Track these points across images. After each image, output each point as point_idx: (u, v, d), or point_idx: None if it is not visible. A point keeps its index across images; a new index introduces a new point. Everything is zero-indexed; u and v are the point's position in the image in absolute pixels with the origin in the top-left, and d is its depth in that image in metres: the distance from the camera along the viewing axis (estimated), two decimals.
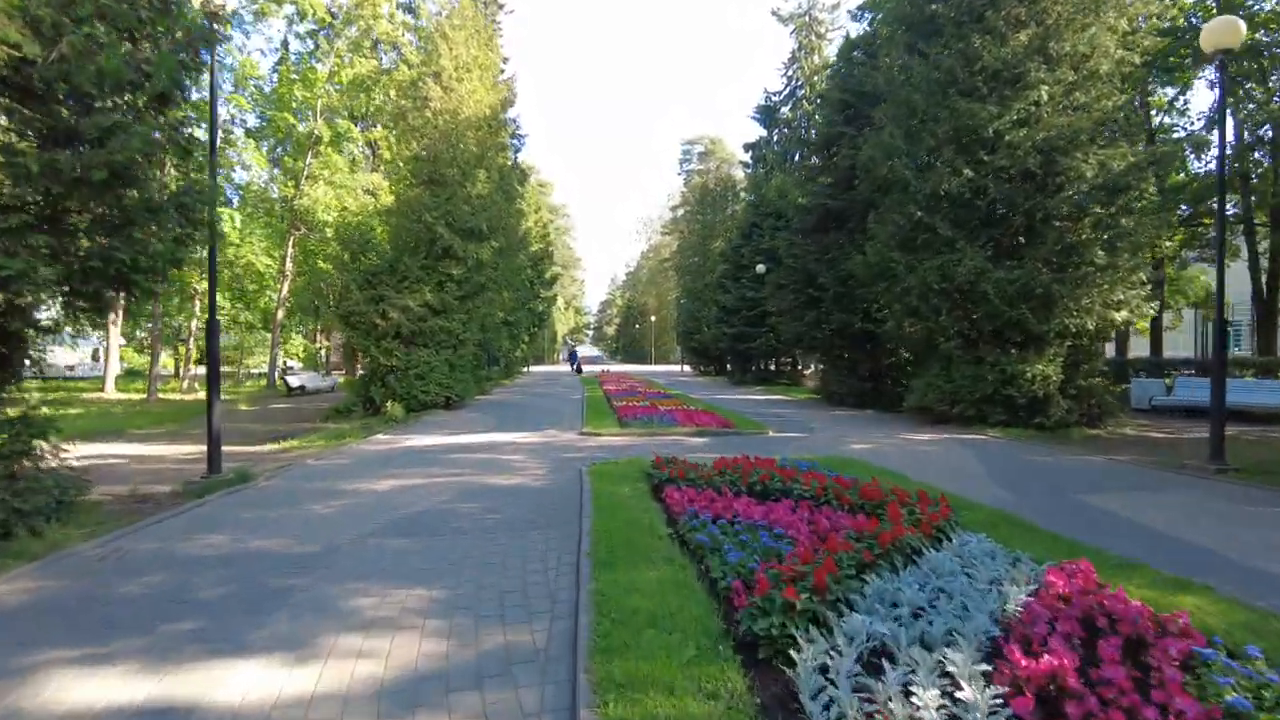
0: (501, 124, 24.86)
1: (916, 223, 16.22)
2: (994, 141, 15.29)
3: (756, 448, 11.59)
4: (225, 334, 45.36)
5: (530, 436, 13.73)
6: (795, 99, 55.47)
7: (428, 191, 21.24)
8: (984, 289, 14.73)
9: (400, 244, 21.71)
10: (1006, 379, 15.00)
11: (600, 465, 9.34)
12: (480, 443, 12.81)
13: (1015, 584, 4.20)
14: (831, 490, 6.37)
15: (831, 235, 22.11)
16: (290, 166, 37.78)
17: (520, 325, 36.95)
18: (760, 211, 35.62)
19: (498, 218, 22.15)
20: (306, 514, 7.19)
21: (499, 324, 29.69)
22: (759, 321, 33.98)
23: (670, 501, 6.53)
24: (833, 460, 9.77)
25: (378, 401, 19.92)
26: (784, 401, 23.73)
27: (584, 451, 11.45)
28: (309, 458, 11.47)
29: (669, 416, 15.18)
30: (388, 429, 15.78)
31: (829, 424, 16.20)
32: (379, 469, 9.99)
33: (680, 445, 12.13)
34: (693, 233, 56.72)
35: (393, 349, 20.04)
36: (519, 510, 7.24)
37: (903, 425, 16.09)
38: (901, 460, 10.61)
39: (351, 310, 20.18)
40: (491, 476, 9.22)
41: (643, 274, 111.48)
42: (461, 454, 11.35)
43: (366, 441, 13.48)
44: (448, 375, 20.53)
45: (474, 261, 21.43)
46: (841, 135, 22.19)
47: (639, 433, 13.52)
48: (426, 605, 4.48)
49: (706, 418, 15.02)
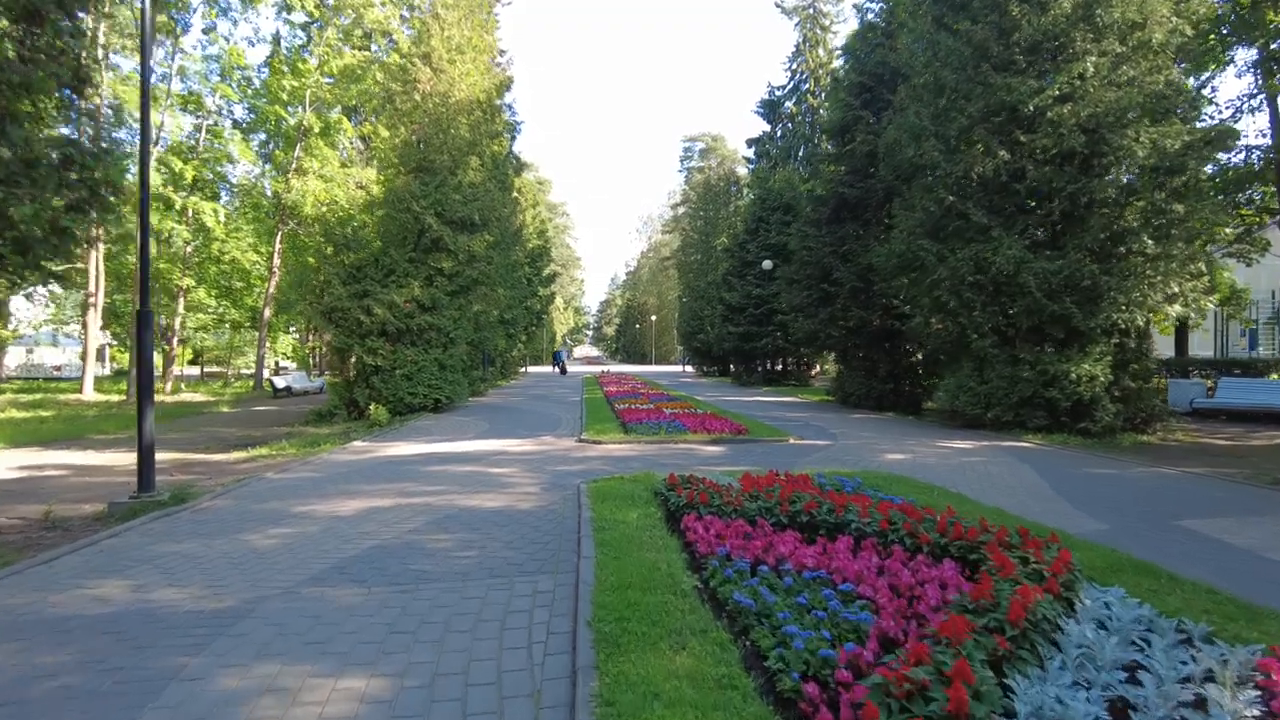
0: (496, 110, 23.47)
1: (947, 209, 14.84)
2: (1033, 119, 13.92)
3: (780, 459, 10.22)
4: (214, 334, 44.02)
5: (524, 444, 12.34)
6: (799, 93, 54.29)
7: (416, 180, 19.86)
8: (1024, 280, 13.36)
9: (387, 236, 20.34)
10: (1047, 380, 13.63)
11: (602, 482, 7.95)
12: (467, 452, 11.42)
13: (1222, 685, 2.83)
14: (901, 524, 4.98)
15: (848, 226, 20.73)
16: (280, 160, 36.49)
17: (517, 324, 35.53)
18: (767, 205, 34.25)
19: (491, 208, 20.77)
20: (240, 549, 5.80)
21: (494, 322, 28.30)
22: (766, 320, 32.61)
23: (693, 537, 5.14)
24: (874, 476, 8.39)
25: (362, 404, 18.55)
26: (796, 404, 22.35)
27: (583, 463, 10.07)
28: (271, 469, 10.09)
29: (677, 422, 13.79)
30: (369, 435, 14.40)
31: (851, 429, 14.82)
32: (346, 485, 8.60)
33: (693, 456, 10.75)
34: (695, 230, 55.31)
35: (378, 348, 18.66)
36: (503, 544, 5.85)
37: (932, 431, 14.71)
38: (949, 474, 9.23)
39: (334, 306, 18.80)
40: (474, 496, 7.83)
41: (643, 273, 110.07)
42: (444, 466, 9.96)
43: (341, 450, 12.10)
44: (437, 376, 19.14)
45: (465, 255, 20.05)
46: (858, 120, 20.81)
47: (645, 441, 12.13)
48: (354, 712, 3.10)
49: (719, 423, 13.64)
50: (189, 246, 33.29)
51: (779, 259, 32.38)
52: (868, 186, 20.19)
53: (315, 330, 39.70)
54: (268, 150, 38.05)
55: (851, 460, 10.33)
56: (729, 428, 13.02)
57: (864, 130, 20.39)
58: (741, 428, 12.97)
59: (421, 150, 20.21)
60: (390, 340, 19.02)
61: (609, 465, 9.78)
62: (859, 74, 21.43)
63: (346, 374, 19.66)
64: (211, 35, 33.56)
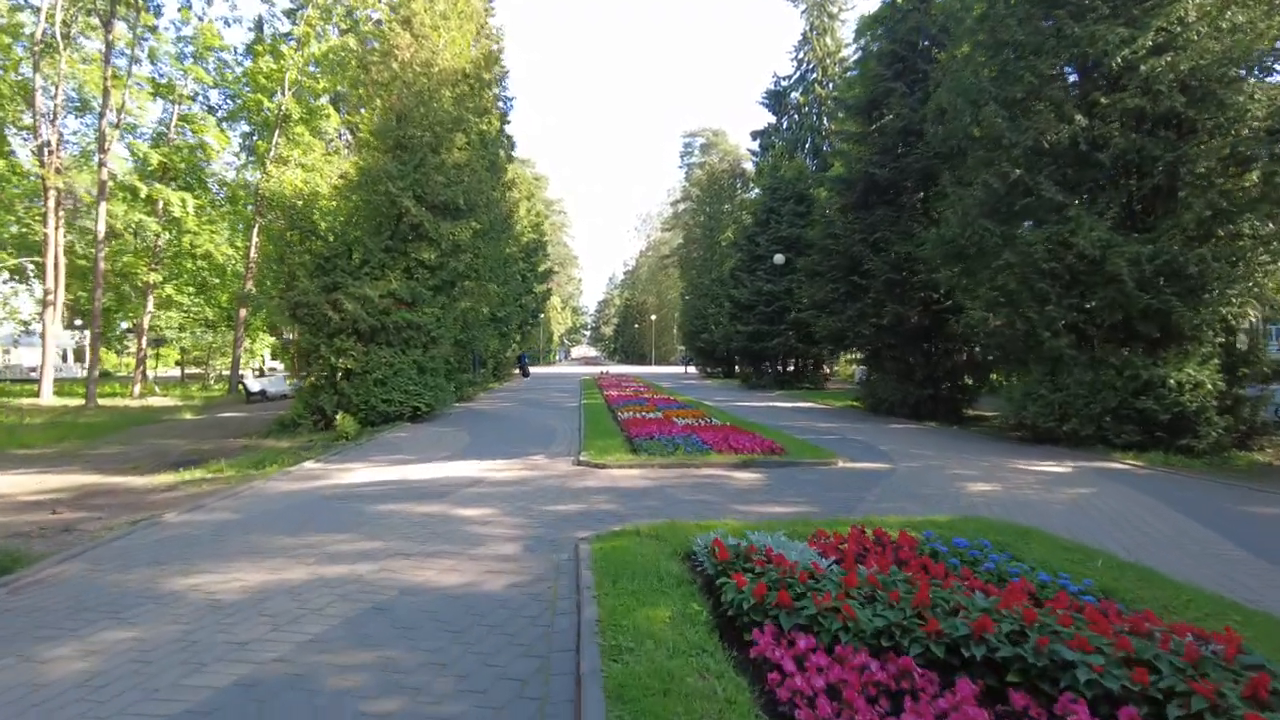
0: (485, 84, 21.12)
1: (1012, 184, 12.55)
2: (1120, 75, 11.63)
3: (837, 493, 7.92)
4: (192, 334, 41.55)
5: (508, 468, 9.99)
6: (806, 83, 52.27)
7: (393, 159, 17.53)
8: (1114, 267, 11.06)
9: (361, 222, 18.02)
10: (1139, 387, 11.35)
11: (611, 539, 5.64)
12: (437, 480, 9.08)
13: None
14: (1172, 674, 2.66)
15: (879, 211, 18.42)
16: (262, 150, 34.11)
17: (510, 322, 33.19)
18: (778, 196, 31.94)
19: (478, 191, 18.43)
20: (12, 682, 3.49)
21: (484, 320, 25.97)
22: (777, 318, 30.29)
23: (785, 692, 2.84)
24: (987, 525, 6.08)
25: (329, 413, 16.22)
26: (820, 411, 20.04)
27: (582, 500, 7.73)
28: (183, 505, 7.76)
29: (694, 437, 11.46)
30: (326, 453, 12.06)
31: (900, 445, 12.50)
32: (262, 537, 6.28)
33: (723, 488, 8.43)
34: (698, 225, 53.04)
35: (348, 348, 16.34)
36: (453, 684, 3.51)
37: (998, 448, 12.40)
38: (1067, 517, 6.94)
39: (299, 301, 16.49)
40: (427, 563, 5.50)
41: (642, 272, 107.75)
42: (401, 504, 7.63)
43: (284, 475, 9.77)
44: (416, 380, 16.81)
45: (449, 244, 17.72)
46: (890, 93, 18.52)
47: (659, 463, 9.78)
48: None
49: (744, 438, 11.31)
50: (159, 240, 30.93)
51: (792, 252, 30.12)
52: (902, 166, 17.88)
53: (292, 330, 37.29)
54: (251, 143, 35.74)
55: (930, 495, 8.02)
56: (759, 446, 10.69)
57: (897, 103, 18.10)
58: (775, 446, 10.63)
59: (400, 126, 17.87)
60: (362, 340, 16.70)
61: (617, 504, 7.46)
62: (890, 42, 19.13)
63: (315, 377, 17.32)
64: (183, 13, 31.12)
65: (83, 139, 31.22)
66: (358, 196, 18.10)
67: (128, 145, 28.87)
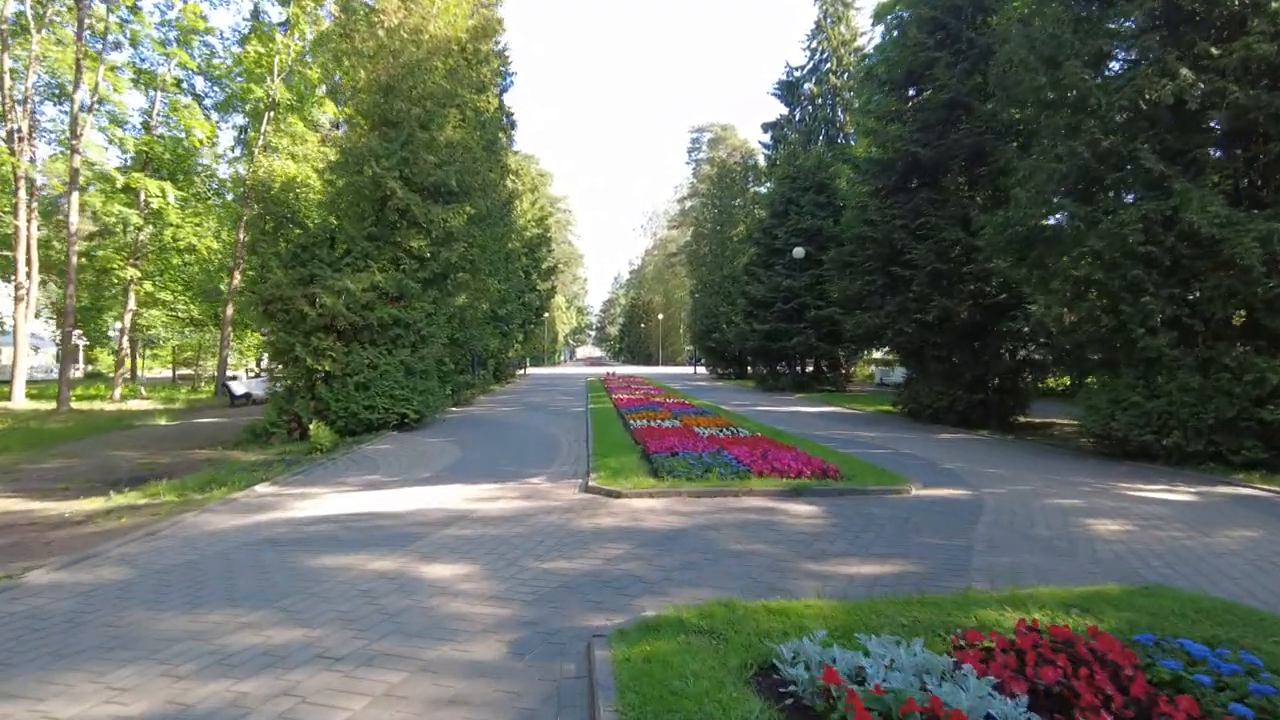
0: (482, 58, 19.22)
1: (1101, 154, 10.57)
2: (1244, 14, 9.67)
3: (925, 535, 5.99)
4: (181, 333, 39.76)
5: (499, 495, 8.08)
6: (820, 73, 50.39)
7: (378, 137, 15.66)
8: (1239, 250, 9.09)
9: (344, 209, 16.16)
10: (1267, 394, 9.38)
11: (641, 638, 3.70)
12: (408, 515, 7.18)
13: None
14: None
15: (921, 194, 16.45)
16: (252, 140, 32.32)
17: (512, 320, 31.29)
18: (797, 185, 29.96)
19: (473, 172, 16.53)
20: None
21: (483, 318, 24.09)
22: (796, 315, 28.31)
23: None
24: (1179, 601, 4.12)
25: (305, 420, 14.36)
26: (852, 418, 18.08)
27: (593, 551, 5.78)
28: (64, 555, 5.87)
29: (726, 454, 9.52)
30: (290, 471, 10.19)
31: (967, 462, 10.54)
32: (133, 618, 4.38)
33: (778, 527, 6.49)
34: (708, 220, 51.06)
35: (326, 347, 14.48)
36: None
37: (1083, 466, 10.43)
38: (1267, 580, 5.00)
39: (272, 295, 14.64)
40: (354, 682, 3.58)
41: (648, 270, 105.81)
42: (353, 554, 5.73)
43: (225, 504, 7.89)
44: (403, 384, 14.92)
45: (441, 232, 15.83)
46: (933, 63, 16.55)
47: (688, 490, 7.83)
48: None
49: (785, 455, 9.37)
50: (141, 234, 29.10)
51: (812, 245, 28.17)
52: (948, 144, 15.90)
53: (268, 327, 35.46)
54: (245, 136, 33.94)
55: (1052, 540, 6.07)
56: (808, 466, 8.74)
57: (942, 74, 16.11)
58: (827, 466, 8.67)
59: (386, 100, 15.98)
60: (343, 338, 14.84)
61: (641, 558, 5.52)
62: (930, 8, 17.14)
63: (291, 381, 15.45)
64: None
65: (58, 126, 29.38)
66: (342, 181, 16.24)
67: (102, 129, 26.95)
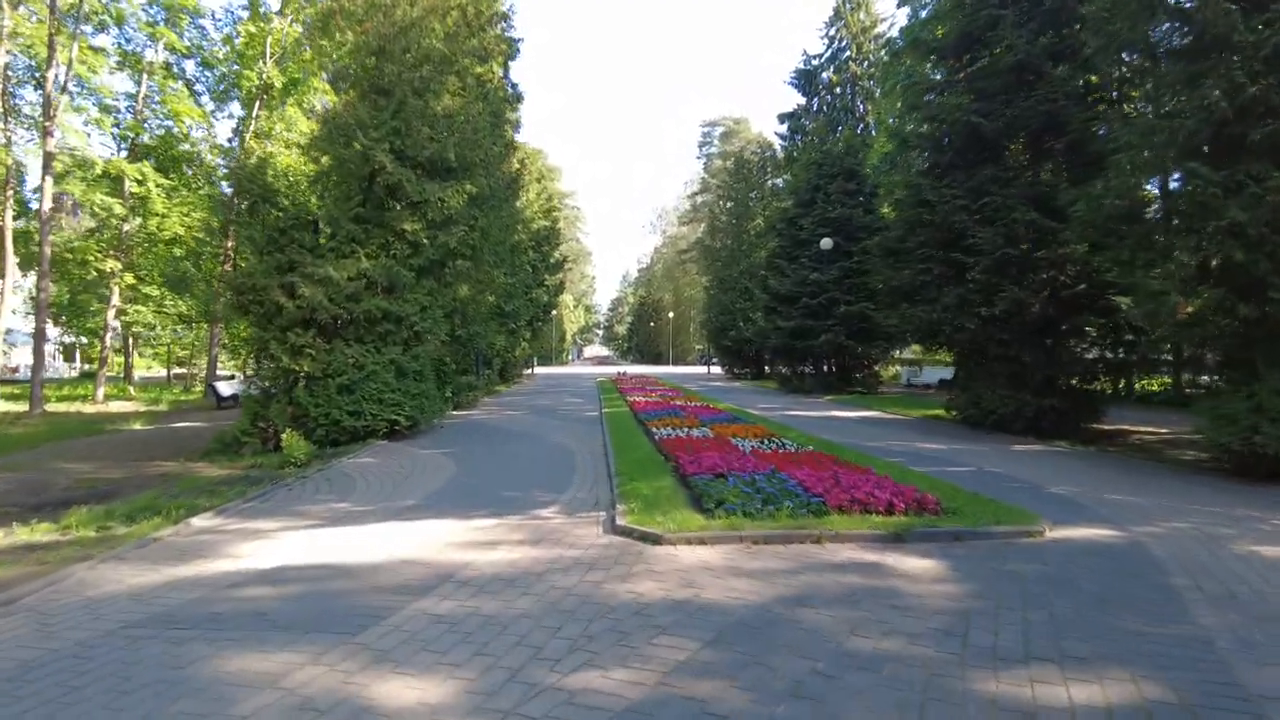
0: (485, 21, 17.30)
1: (1244, 106, 8.57)
2: None
3: (1115, 612, 4.00)
4: (173, 330, 37.98)
5: (499, 540, 6.12)
6: (839, 61, 48.49)
7: (368, 106, 13.76)
8: None
9: (329, 187, 14.30)
10: None
11: None
12: (369, 572, 5.24)
13: None
14: None
15: (985, 171, 14.42)
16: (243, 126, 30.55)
17: (519, 317, 29.40)
18: (823, 172, 27.92)
19: (474, 145, 14.61)
20: None
21: (488, 314, 22.20)
22: (824, 311, 26.26)
23: None
24: None
25: (280, 428, 12.48)
26: (899, 423, 16.09)
27: (637, 651, 3.74)
28: None
29: (787, 478, 7.55)
30: (248, 495, 8.30)
31: (1078, 485, 8.54)
32: None
33: (891, 595, 4.52)
34: (724, 212, 49.06)
35: (304, 344, 12.60)
36: None
37: (1223, 489, 8.39)
38: None
39: (244, 284, 12.79)
40: None
41: (658, 268, 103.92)
42: (278, 650, 3.82)
43: (137, 549, 6.01)
44: (393, 387, 13.03)
45: (438, 213, 13.94)
46: (996, 23, 14.55)
47: (750, 533, 5.81)
48: None
49: (857, 477, 7.40)
50: (126, 224, 27.27)
51: (841, 235, 26.17)
52: (1016, 112, 13.89)
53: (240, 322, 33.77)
54: (241, 127, 32.18)
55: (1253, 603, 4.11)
56: (895, 494, 6.74)
57: (1009, 33, 14.10)
58: (923, 496, 6.68)
59: (376, 65, 14.09)
60: (324, 334, 12.97)
61: (716, 667, 3.55)
62: None
63: (268, 383, 13.60)
64: None
65: (36, 111, 27.60)
66: (327, 159, 14.36)
67: (76, 109, 25.12)
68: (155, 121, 29.04)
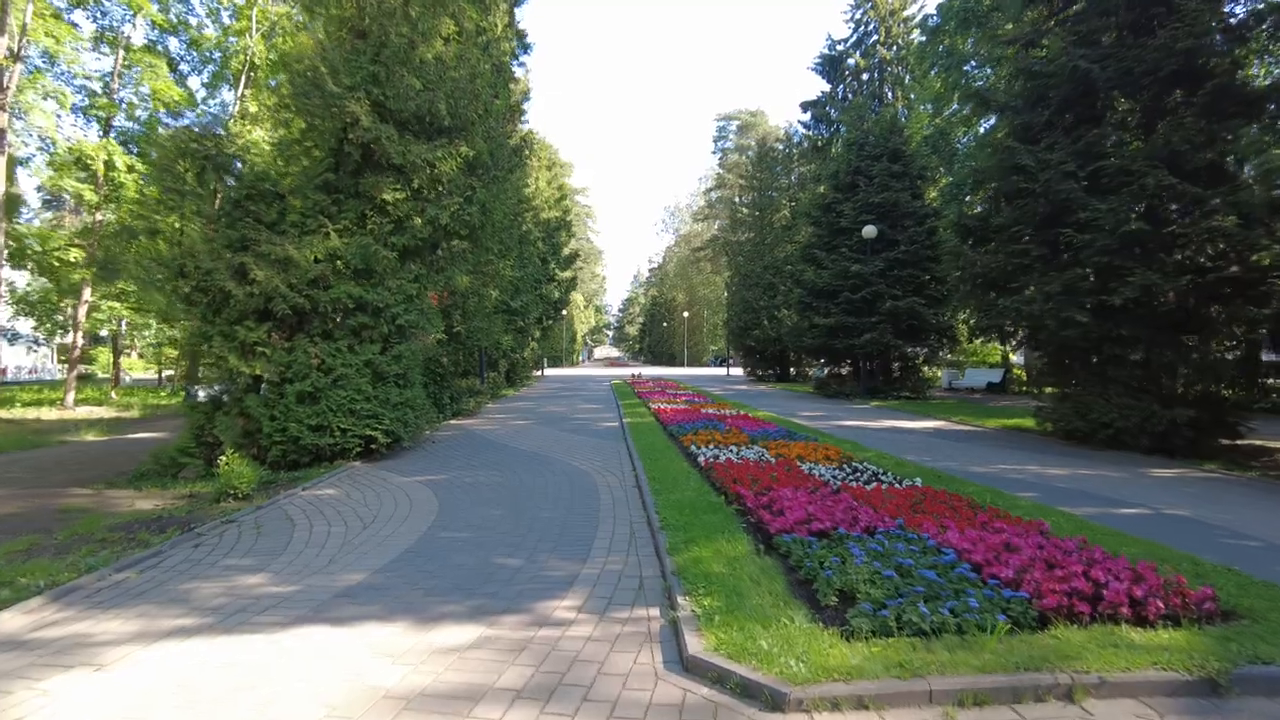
0: None
1: None
2: None
3: None
4: (159, 330, 35.63)
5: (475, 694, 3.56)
6: (865, 45, 45.68)
7: (341, 50, 11.18)
8: None
9: (288, 150, 11.76)
10: None
11: None
12: None
13: None
14: None
15: (1100, 130, 11.69)
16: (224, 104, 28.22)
17: (528, 314, 26.81)
18: (865, 154, 25.16)
19: (471, 97, 11.98)
20: None
21: (492, 310, 19.61)
22: (867, 307, 23.49)
23: None
24: None
25: (227, 445, 9.93)
26: (980, 437, 13.35)
27: None
28: None
29: (946, 551, 4.93)
30: (133, 554, 5.73)
31: None
32: None
33: None
34: (746, 204, 46.31)
35: (257, 341, 10.08)
36: None
37: None
38: None
39: (185, 266, 10.28)
40: None
41: (670, 267, 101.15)
42: None
43: None
44: (368, 394, 10.44)
45: (426, 179, 11.35)
46: None
47: (938, 682, 3.27)
48: None
49: (1068, 558, 4.78)
50: (98, 214, 24.88)
51: (885, 223, 23.47)
52: (1140, 56, 11.15)
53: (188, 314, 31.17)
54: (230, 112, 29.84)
55: None
56: (1140, 585, 4.09)
57: None
58: (1183, 588, 4.04)
59: (358, 9, 11.49)
60: (283, 329, 10.43)
61: None
62: None
63: (222, 389, 11.08)
64: None
65: None
66: (297, 120, 11.80)
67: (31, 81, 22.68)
68: (138, 103, 26.67)
